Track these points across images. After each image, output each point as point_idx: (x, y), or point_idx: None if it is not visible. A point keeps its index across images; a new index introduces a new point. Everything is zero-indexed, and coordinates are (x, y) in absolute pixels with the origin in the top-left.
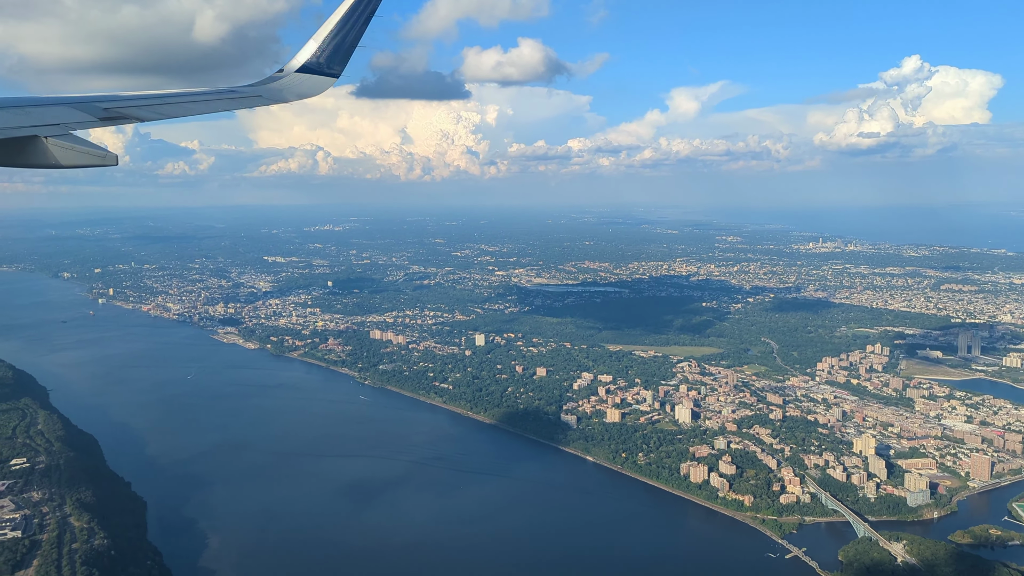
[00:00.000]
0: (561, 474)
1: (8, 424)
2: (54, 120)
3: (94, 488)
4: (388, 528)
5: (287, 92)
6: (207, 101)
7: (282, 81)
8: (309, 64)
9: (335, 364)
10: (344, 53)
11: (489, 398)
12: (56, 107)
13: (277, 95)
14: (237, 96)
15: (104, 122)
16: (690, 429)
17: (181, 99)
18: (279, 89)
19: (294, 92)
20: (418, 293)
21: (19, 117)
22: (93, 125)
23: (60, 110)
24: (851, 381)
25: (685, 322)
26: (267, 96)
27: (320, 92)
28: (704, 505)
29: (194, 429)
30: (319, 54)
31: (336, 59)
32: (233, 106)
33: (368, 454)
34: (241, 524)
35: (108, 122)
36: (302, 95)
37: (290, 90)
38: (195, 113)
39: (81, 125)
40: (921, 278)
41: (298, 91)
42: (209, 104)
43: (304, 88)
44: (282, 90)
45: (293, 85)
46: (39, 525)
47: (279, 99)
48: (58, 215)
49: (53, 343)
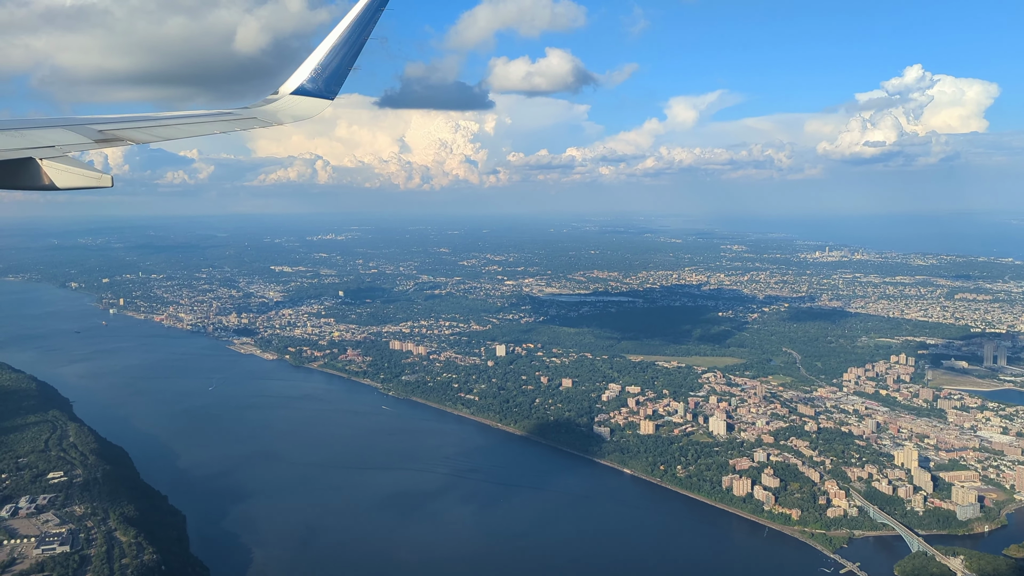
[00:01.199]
0: (600, 487)
1: (40, 437)
2: (49, 142)
3: (136, 502)
4: (434, 542)
5: (281, 114)
6: (201, 123)
7: (277, 103)
8: (304, 87)
9: (356, 375)
10: (338, 76)
11: (518, 409)
12: (52, 129)
13: (272, 117)
14: (232, 118)
15: (99, 144)
16: (726, 441)
17: (176, 121)
18: (274, 112)
19: (288, 115)
20: (430, 303)
21: (14, 139)
22: (88, 147)
23: (56, 132)
24: (879, 392)
25: (704, 332)
26: (262, 118)
27: (314, 115)
28: (749, 519)
29: (223, 441)
30: (314, 77)
31: (330, 82)
32: (227, 128)
33: (403, 466)
34: (283, 538)
35: (103, 144)
36: (297, 117)
37: (285, 112)
38: (189, 135)
39: (76, 147)
40: (933, 287)
41: (292, 113)
42: (203, 126)
43: (298, 110)
44: (276, 112)
45: (288, 108)
46: (86, 540)
47: (274, 121)
48: (58, 224)
49: (69, 354)
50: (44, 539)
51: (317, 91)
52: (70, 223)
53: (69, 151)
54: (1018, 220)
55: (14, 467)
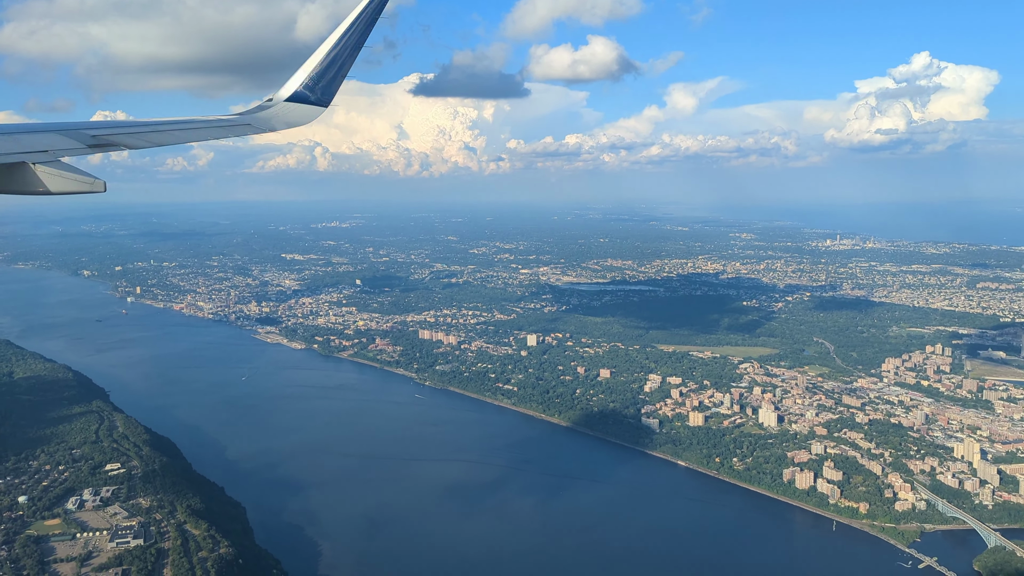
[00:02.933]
0: (657, 479)
1: (89, 427)
2: (43, 147)
3: (200, 494)
4: (503, 535)
5: (276, 121)
6: (196, 130)
7: (271, 110)
8: (299, 93)
9: (389, 365)
10: (334, 83)
11: (560, 400)
12: (45, 134)
13: (266, 124)
14: (226, 125)
15: (93, 149)
16: (778, 433)
17: (170, 127)
18: (268, 118)
19: (283, 121)
20: (450, 292)
21: (7, 144)
22: (82, 152)
23: (49, 137)
24: (921, 383)
25: (732, 321)
26: (256, 125)
27: (309, 121)
28: (814, 512)
29: (267, 431)
30: (309, 84)
31: (326, 89)
32: (222, 135)
33: (456, 458)
34: (348, 531)
35: (97, 149)
36: (291, 124)
37: (279, 119)
38: (184, 142)
39: (70, 152)
40: (951, 276)
41: (287, 120)
42: (198, 133)
43: (293, 117)
44: (271, 119)
45: (282, 114)
46: (158, 533)
47: (268, 128)
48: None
49: (96, 343)
50: (116, 532)
51: (312, 98)
52: (71, 210)
53: (62, 156)
54: (1022, 208)
55: (70, 459)
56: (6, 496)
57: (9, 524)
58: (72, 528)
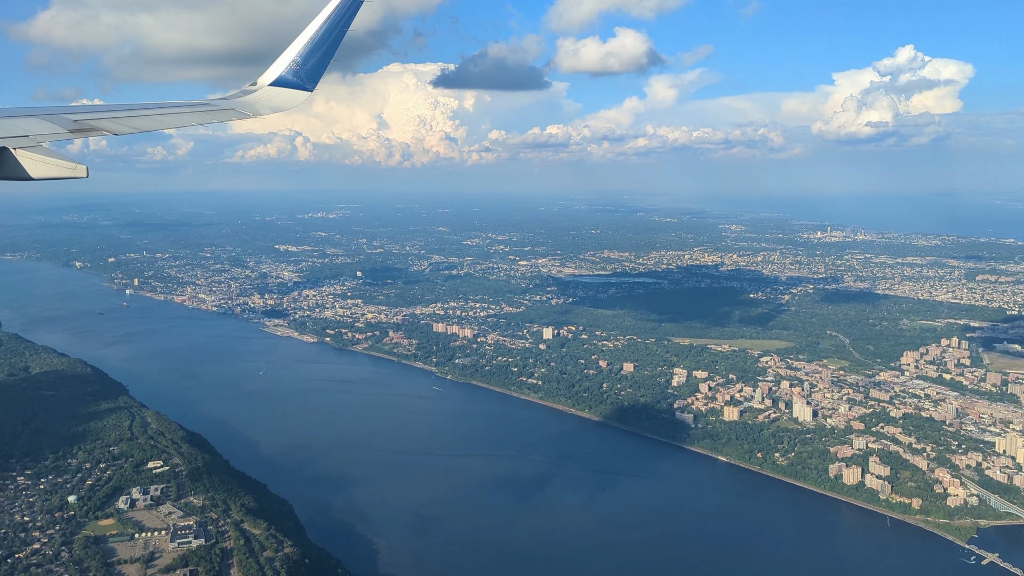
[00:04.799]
0: (699, 475)
1: (121, 424)
2: (23, 132)
3: (253, 493)
4: (558, 531)
5: (259, 105)
6: (179, 114)
7: (255, 95)
8: (283, 78)
9: (406, 358)
10: (318, 67)
11: (588, 394)
12: (26, 119)
13: (250, 108)
14: (210, 109)
15: (74, 134)
16: (815, 428)
17: (152, 111)
18: (252, 102)
19: (267, 106)
20: (452, 284)
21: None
22: (64, 138)
23: (30, 122)
24: (943, 376)
25: (744, 314)
26: (240, 109)
27: (293, 106)
28: (865, 508)
29: (296, 427)
30: (293, 68)
31: (310, 73)
32: (206, 119)
33: (492, 453)
34: (400, 528)
35: (78, 134)
36: (275, 109)
37: (263, 104)
38: (167, 127)
39: (51, 137)
40: (948, 268)
41: (271, 105)
42: (181, 117)
43: (277, 102)
44: (255, 103)
45: (266, 99)
46: (217, 532)
47: (252, 112)
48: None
49: (102, 336)
50: (176, 532)
51: (296, 82)
52: (50, 199)
53: (43, 141)
54: (1002, 200)
55: (109, 456)
56: (54, 496)
57: (63, 524)
58: (128, 528)
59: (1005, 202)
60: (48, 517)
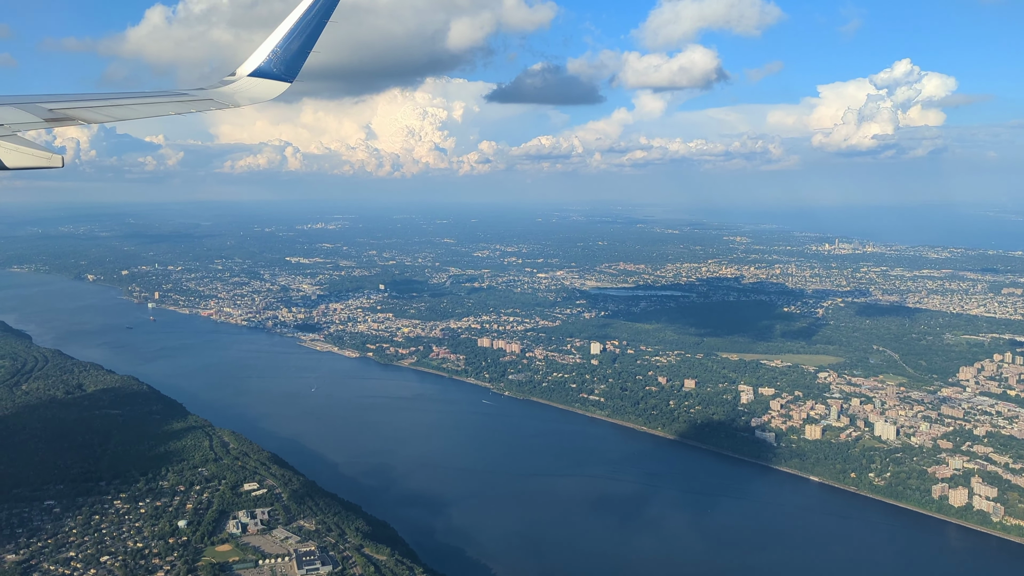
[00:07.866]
0: (797, 496)
1: (201, 444)
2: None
3: (363, 517)
4: (675, 556)
5: (238, 96)
6: (156, 103)
7: (233, 85)
8: (262, 68)
9: (456, 374)
10: (298, 57)
11: (656, 412)
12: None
13: (228, 99)
14: (188, 99)
15: (50, 123)
16: (901, 447)
17: (129, 101)
18: (231, 93)
19: (246, 96)
20: (478, 297)
21: None
22: (39, 126)
23: (4, 111)
24: (1007, 392)
25: (785, 328)
26: (218, 100)
27: (271, 97)
28: (980, 531)
29: (367, 445)
30: (272, 58)
31: (290, 63)
32: (183, 109)
33: (578, 472)
34: (513, 552)
35: (54, 123)
36: (254, 99)
37: (242, 94)
38: (143, 116)
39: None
40: (968, 282)
41: (250, 95)
42: (158, 107)
43: (256, 92)
44: (233, 94)
45: (245, 89)
46: (341, 559)
47: (230, 103)
48: (29, 211)
49: (139, 352)
50: (301, 559)
51: (275, 73)
52: (43, 210)
53: (18, 130)
54: (993, 212)
55: (201, 479)
56: (160, 520)
57: (180, 551)
58: (248, 554)
59: (997, 214)
60: (163, 544)
